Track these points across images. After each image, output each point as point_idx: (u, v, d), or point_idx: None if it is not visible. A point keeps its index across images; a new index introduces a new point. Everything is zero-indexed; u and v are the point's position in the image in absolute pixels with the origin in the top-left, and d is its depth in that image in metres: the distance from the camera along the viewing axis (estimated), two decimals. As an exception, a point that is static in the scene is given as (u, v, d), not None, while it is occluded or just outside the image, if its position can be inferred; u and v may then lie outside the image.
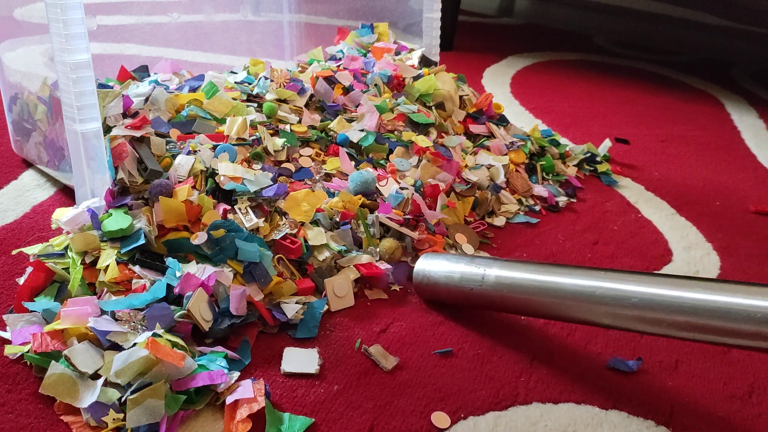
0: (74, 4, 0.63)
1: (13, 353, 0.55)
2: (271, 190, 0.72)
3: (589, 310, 0.56)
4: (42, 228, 0.74)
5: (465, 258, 0.66)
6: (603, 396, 0.59)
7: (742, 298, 0.49)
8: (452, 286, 0.65)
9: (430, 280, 0.67)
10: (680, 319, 0.51)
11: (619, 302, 0.54)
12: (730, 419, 0.58)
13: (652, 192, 1.02)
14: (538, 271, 0.60)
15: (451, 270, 0.65)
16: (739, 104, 1.56)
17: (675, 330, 0.52)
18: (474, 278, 0.63)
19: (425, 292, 0.68)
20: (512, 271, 0.61)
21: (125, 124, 0.72)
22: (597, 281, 0.56)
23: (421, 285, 0.68)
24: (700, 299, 0.50)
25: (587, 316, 0.56)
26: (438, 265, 0.67)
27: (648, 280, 0.54)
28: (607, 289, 0.55)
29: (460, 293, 0.64)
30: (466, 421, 0.54)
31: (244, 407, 0.51)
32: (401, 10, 1.16)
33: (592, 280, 0.56)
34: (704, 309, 0.50)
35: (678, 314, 0.51)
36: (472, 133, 1.01)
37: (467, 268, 0.64)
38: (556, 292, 0.58)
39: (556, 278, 0.58)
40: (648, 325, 0.53)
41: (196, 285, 0.58)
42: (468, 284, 0.63)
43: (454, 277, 0.65)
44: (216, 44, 1.09)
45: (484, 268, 0.63)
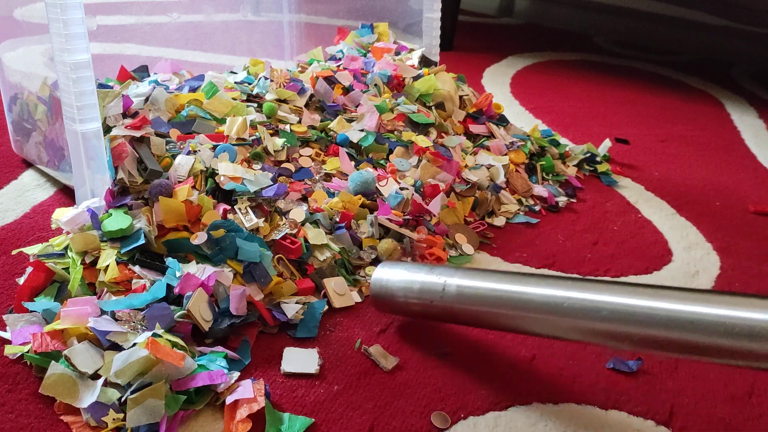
0: (74, 4, 0.63)
1: (13, 353, 0.55)
2: (271, 190, 0.72)
3: (555, 325, 0.51)
4: (42, 228, 0.74)
5: (425, 267, 0.60)
6: (603, 396, 0.59)
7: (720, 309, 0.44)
8: (411, 298, 0.59)
9: (387, 291, 0.61)
10: (654, 332, 0.46)
11: (588, 315, 0.49)
12: (730, 420, 0.58)
13: (652, 192, 1.02)
14: (502, 280, 0.55)
15: (410, 280, 0.60)
16: (739, 104, 1.56)
17: (646, 347, 0.47)
18: (434, 289, 0.58)
19: (383, 305, 0.63)
20: (475, 281, 0.56)
21: (125, 124, 0.72)
22: (565, 291, 0.51)
23: (379, 297, 0.63)
24: (675, 311, 0.45)
25: (553, 332, 0.52)
26: (396, 274, 0.61)
27: (620, 289, 0.49)
28: (576, 300, 0.50)
29: (420, 306, 0.59)
30: (466, 421, 0.54)
31: (244, 407, 0.51)
32: (401, 10, 1.16)
33: (561, 289, 0.51)
34: (678, 321, 0.45)
35: (651, 327, 0.46)
36: (472, 133, 1.01)
37: (427, 278, 0.59)
38: (522, 303, 0.53)
39: (521, 288, 0.53)
40: (618, 340, 0.48)
41: (196, 285, 0.58)
42: (428, 296, 0.58)
43: (414, 288, 0.59)
44: (216, 44, 1.09)
45: (444, 278, 0.58)
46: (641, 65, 1.85)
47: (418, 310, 0.60)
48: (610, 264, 0.80)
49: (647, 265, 0.81)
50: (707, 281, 0.79)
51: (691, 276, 0.80)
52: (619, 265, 0.80)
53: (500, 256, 0.79)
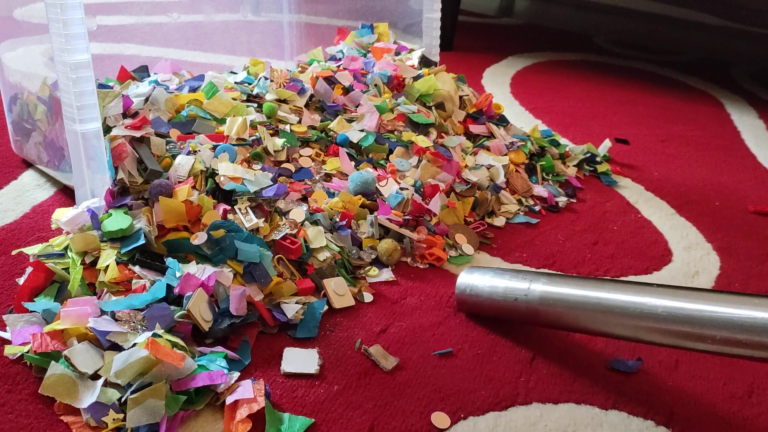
0: (74, 4, 0.63)
1: (13, 353, 0.55)
2: (271, 191, 0.72)
3: (637, 327, 0.54)
4: (42, 228, 0.74)
5: (510, 272, 0.64)
6: (603, 396, 0.59)
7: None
8: (496, 299, 0.63)
9: (473, 292, 0.65)
10: (738, 336, 0.49)
11: (670, 318, 0.52)
12: (730, 419, 0.58)
13: (651, 192, 1.02)
14: (585, 286, 0.58)
15: (495, 283, 0.64)
16: (739, 104, 1.56)
17: (729, 347, 0.50)
18: (518, 292, 0.61)
19: (468, 305, 0.67)
20: (558, 286, 0.59)
21: (125, 124, 0.72)
22: (645, 296, 0.54)
23: (464, 298, 0.67)
24: (757, 317, 0.49)
25: (636, 334, 0.55)
26: (482, 278, 0.66)
27: (702, 296, 0.52)
28: (655, 306, 0.53)
29: (504, 307, 0.63)
30: (466, 421, 0.54)
31: (244, 407, 0.51)
32: (401, 10, 1.16)
33: (641, 295, 0.54)
34: (762, 326, 0.48)
35: (736, 331, 0.49)
36: (472, 133, 1.01)
37: (511, 282, 0.63)
38: (603, 307, 0.56)
39: (603, 294, 0.56)
40: (703, 342, 0.51)
41: (196, 285, 0.58)
42: (512, 297, 0.62)
43: (498, 290, 0.63)
44: (216, 44, 1.09)
45: (529, 282, 0.61)
46: (641, 65, 1.85)
47: (502, 310, 0.64)
48: (610, 264, 0.80)
49: (647, 265, 0.81)
50: (707, 281, 0.79)
51: (691, 276, 0.80)
52: (619, 265, 0.80)
53: (500, 256, 0.79)
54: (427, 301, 0.69)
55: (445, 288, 0.71)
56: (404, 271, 0.74)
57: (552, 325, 0.61)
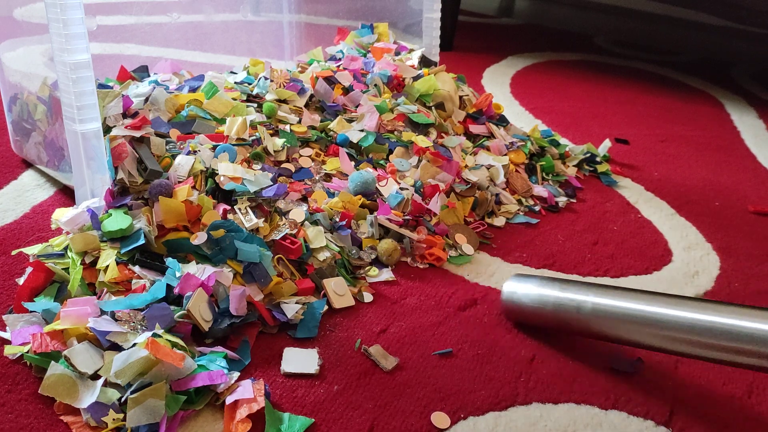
0: (74, 4, 0.63)
1: (12, 353, 0.55)
2: (270, 191, 0.72)
3: (693, 344, 0.54)
4: (42, 228, 0.74)
5: (557, 283, 0.63)
6: (603, 396, 0.59)
7: None
8: (546, 312, 0.62)
9: (521, 304, 0.65)
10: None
11: (732, 337, 0.52)
12: (730, 419, 0.58)
13: (651, 192, 1.02)
14: (638, 299, 0.58)
15: (544, 295, 0.63)
16: (739, 104, 1.56)
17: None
18: (569, 306, 0.61)
19: (515, 315, 0.66)
20: (611, 299, 0.59)
21: (125, 124, 0.72)
22: (700, 313, 0.54)
23: (510, 308, 0.66)
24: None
25: (693, 350, 0.54)
26: (529, 288, 0.64)
27: (759, 314, 0.52)
28: (717, 323, 0.53)
29: (555, 320, 0.62)
30: (466, 421, 0.54)
31: (244, 407, 0.51)
32: (401, 10, 1.16)
33: (695, 311, 0.54)
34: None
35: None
36: (472, 133, 1.01)
37: (562, 295, 0.62)
38: (658, 323, 0.56)
39: (658, 308, 0.56)
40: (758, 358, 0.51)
41: (196, 285, 0.58)
42: (564, 312, 0.61)
43: (548, 303, 0.62)
44: (216, 44, 1.09)
45: (581, 296, 0.60)
46: (641, 65, 1.85)
47: (552, 323, 0.63)
48: (610, 264, 0.80)
49: (647, 265, 0.81)
50: (707, 281, 0.79)
51: (691, 276, 0.80)
52: (619, 265, 0.80)
53: (500, 256, 0.79)
54: (427, 301, 0.69)
55: (445, 288, 0.71)
56: (404, 271, 0.74)
57: (604, 338, 0.60)
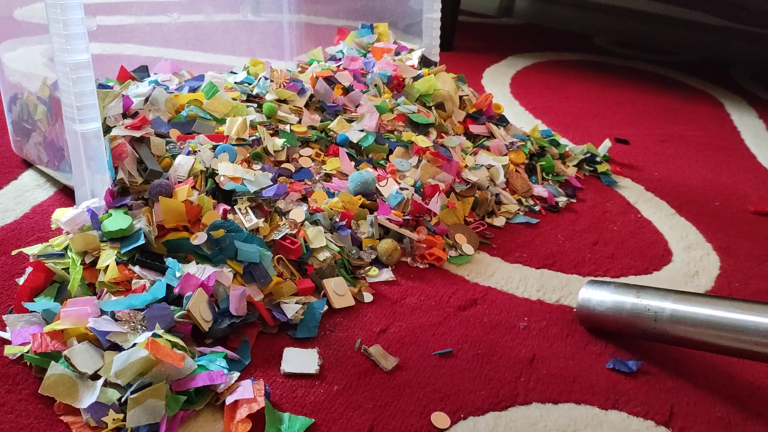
0: (74, 5, 0.63)
1: (13, 353, 0.55)
2: (270, 191, 0.72)
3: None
4: (42, 228, 0.74)
5: (632, 290, 0.63)
6: (603, 396, 0.59)
7: None
8: (622, 320, 0.63)
9: (596, 311, 0.65)
10: None
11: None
12: (730, 419, 0.58)
13: (651, 192, 1.02)
14: (716, 306, 0.58)
15: (621, 300, 0.63)
16: (739, 104, 1.56)
17: None
18: (646, 314, 0.61)
19: (590, 321, 0.66)
20: (688, 306, 0.59)
21: (125, 125, 0.72)
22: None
23: (586, 315, 0.66)
24: None
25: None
26: (604, 296, 0.65)
27: None
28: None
29: (632, 327, 0.62)
30: (466, 421, 0.54)
31: (244, 407, 0.51)
32: (401, 10, 1.16)
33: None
34: None
35: None
36: (472, 133, 1.01)
37: (637, 301, 0.62)
38: (739, 329, 0.56)
39: (738, 315, 0.56)
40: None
41: (196, 285, 0.59)
42: (641, 320, 0.61)
43: (625, 309, 0.62)
44: (216, 44, 1.09)
45: (657, 303, 0.61)
46: (641, 65, 1.85)
47: (630, 330, 0.63)
48: (610, 264, 0.80)
49: (647, 265, 0.81)
50: (707, 281, 0.79)
51: (691, 276, 0.80)
52: (619, 265, 0.80)
53: (500, 256, 0.79)
54: (427, 301, 0.69)
55: (445, 288, 0.72)
56: (404, 271, 0.74)
57: (681, 344, 0.61)
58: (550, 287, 0.74)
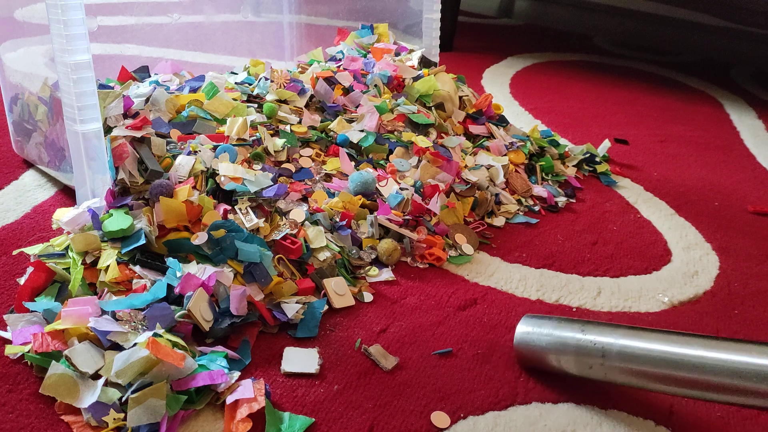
0: (75, 5, 0.63)
1: (13, 353, 0.55)
2: (271, 191, 0.72)
3: (737, 390, 0.48)
4: (43, 228, 0.74)
5: (575, 324, 0.57)
6: (603, 396, 0.59)
7: None
8: (565, 361, 0.56)
9: (535, 349, 0.58)
10: None
11: None
12: (730, 419, 0.58)
13: (651, 192, 1.03)
14: (670, 342, 0.52)
15: (562, 338, 0.57)
16: (739, 105, 1.57)
17: None
18: (593, 353, 0.54)
19: (529, 360, 0.60)
20: (639, 342, 0.53)
21: (126, 125, 0.72)
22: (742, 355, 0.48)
23: (524, 354, 0.60)
24: None
25: (737, 398, 0.49)
26: (544, 333, 0.58)
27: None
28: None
29: (578, 365, 0.56)
30: (466, 420, 0.54)
31: (245, 407, 0.51)
32: (401, 10, 1.16)
33: (737, 353, 0.49)
34: None
35: None
36: (471, 133, 1.01)
37: (583, 338, 0.55)
38: (700, 367, 0.50)
39: (696, 351, 0.50)
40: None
41: (197, 285, 0.59)
42: (586, 361, 0.55)
43: (568, 350, 0.56)
44: (216, 45, 1.09)
45: (603, 340, 0.54)
46: (641, 66, 1.86)
47: (574, 372, 0.57)
48: (610, 264, 0.80)
49: (646, 265, 0.81)
50: (707, 281, 0.79)
51: (690, 276, 0.80)
52: (619, 265, 0.80)
53: (500, 256, 0.79)
54: (427, 301, 0.69)
55: (445, 288, 0.72)
56: (404, 271, 0.74)
57: (633, 384, 0.54)
58: (549, 287, 0.74)
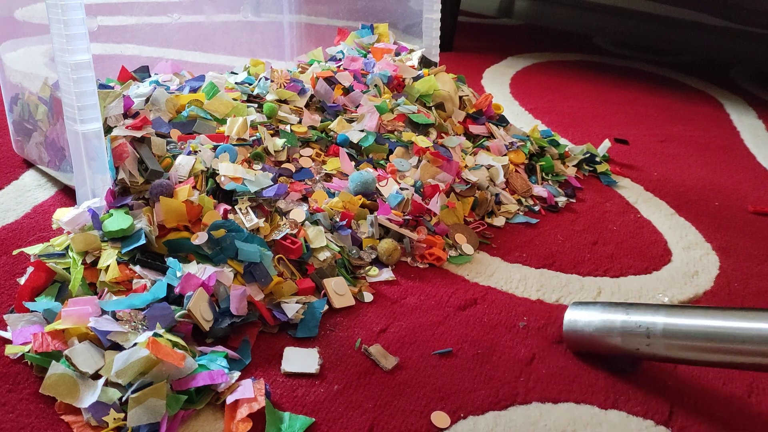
0: (75, 5, 0.63)
1: (13, 353, 0.55)
2: (271, 191, 0.72)
3: None
4: (43, 228, 0.74)
5: (621, 308, 0.59)
6: (602, 396, 0.59)
7: None
8: (613, 342, 0.59)
9: (584, 334, 0.61)
10: None
11: None
12: (730, 419, 0.58)
13: (651, 192, 1.03)
14: (712, 316, 0.54)
15: (610, 321, 0.59)
16: (739, 105, 1.57)
17: None
18: (638, 334, 0.57)
19: (578, 345, 0.62)
20: (683, 319, 0.55)
21: (126, 125, 0.72)
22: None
23: (574, 338, 0.62)
24: None
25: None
26: (592, 317, 0.61)
27: None
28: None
29: (624, 350, 0.58)
30: (466, 420, 0.54)
31: (245, 407, 0.51)
32: (401, 10, 1.16)
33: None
34: None
35: None
36: (471, 133, 1.01)
37: (627, 318, 0.58)
38: (740, 339, 0.51)
39: (738, 323, 0.52)
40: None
41: (197, 285, 0.59)
42: (632, 342, 0.57)
43: (614, 332, 0.58)
44: (216, 45, 1.09)
45: (648, 319, 0.56)
46: (641, 66, 1.86)
47: (621, 353, 0.59)
48: (610, 264, 0.80)
49: (647, 265, 0.81)
50: (707, 281, 0.79)
51: (690, 276, 0.80)
52: (619, 265, 0.80)
53: (500, 256, 0.79)
54: (427, 300, 0.69)
55: (445, 288, 0.72)
56: (404, 271, 0.74)
57: (679, 362, 0.57)
58: (549, 287, 0.74)
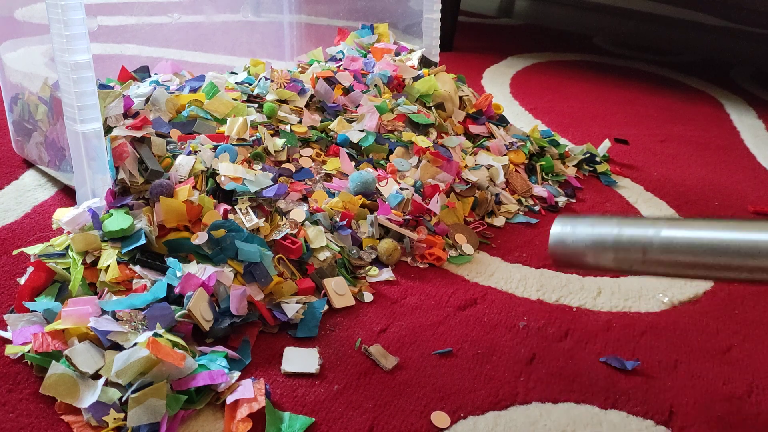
0: (75, 5, 0.63)
1: (14, 353, 0.55)
2: (271, 191, 0.72)
3: None
4: (43, 228, 0.74)
5: (613, 221, 0.54)
6: (602, 396, 0.59)
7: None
8: (604, 259, 0.53)
9: (573, 246, 0.55)
10: None
11: None
12: (730, 419, 0.58)
13: (651, 192, 1.03)
14: (717, 226, 0.49)
15: (601, 235, 0.53)
16: (739, 105, 1.57)
17: None
18: (633, 249, 0.52)
19: (564, 262, 0.56)
20: (685, 230, 0.50)
21: (126, 125, 0.72)
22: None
23: (559, 254, 0.56)
24: None
25: None
26: (581, 231, 0.55)
27: None
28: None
29: (619, 261, 0.53)
30: (466, 420, 0.54)
31: (245, 407, 0.51)
32: (401, 10, 1.16)
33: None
34: None
35: None
36: (471, 133, 1.01)
37: (621, 233, 0.52)
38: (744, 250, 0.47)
39: (742, 234, 0.48)
40: None
41: (197, 285, 0.59)
42: (626, 258, 0.52)
43: (607, 247, 0.53)
44: (216, 45, 1.09)
45: (643, 232, 0.52)
46: (641, 66, 1.86)
47: (615, 264, 0.54)
48: (610, 264, 0.80)
49: (647, 265, 0.81)
50: (707, 281, 0.79)
51: (690, 276, 0.80)
52: (619, 265, 0.80)
53: (500, 256, 0.79)
54: (427, 300, 0.69)
55: (445, 287, 0.72)
56: (404, 271, 0.74)
57: (677, 275, 0.52)
58: (549, 287, 0.74)
